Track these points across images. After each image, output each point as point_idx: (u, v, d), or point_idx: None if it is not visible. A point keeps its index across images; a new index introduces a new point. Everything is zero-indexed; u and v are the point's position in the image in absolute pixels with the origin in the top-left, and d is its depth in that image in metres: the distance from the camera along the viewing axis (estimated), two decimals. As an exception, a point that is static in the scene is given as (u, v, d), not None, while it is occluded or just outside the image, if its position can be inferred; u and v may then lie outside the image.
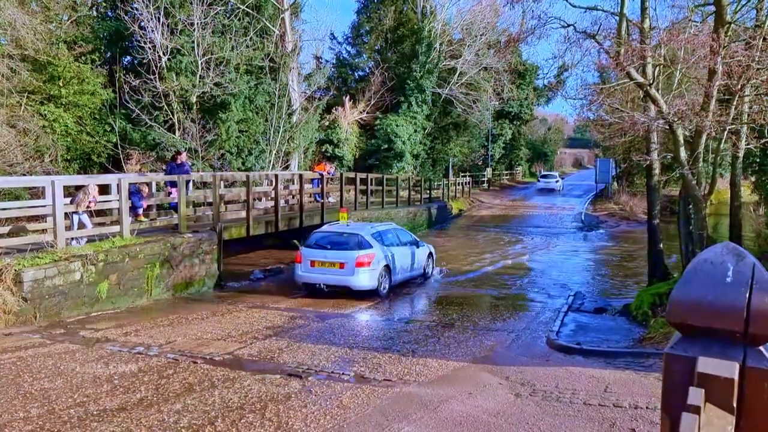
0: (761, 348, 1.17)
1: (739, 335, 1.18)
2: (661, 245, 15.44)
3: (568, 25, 13.57)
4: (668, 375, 1.29)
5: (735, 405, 1.15)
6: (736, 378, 1.14)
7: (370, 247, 13.66)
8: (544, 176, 52.50)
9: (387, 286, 13.91)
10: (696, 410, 1.13)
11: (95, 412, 6.34)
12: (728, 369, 1.15)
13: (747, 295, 1.18)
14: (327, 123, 33.23)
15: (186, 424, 6.05)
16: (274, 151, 24.54)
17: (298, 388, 7.29)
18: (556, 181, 50.35)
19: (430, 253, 16.66)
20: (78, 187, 12.73)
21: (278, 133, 24.57)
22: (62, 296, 10.59)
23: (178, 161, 15.52)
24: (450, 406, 6.71)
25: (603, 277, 18.57)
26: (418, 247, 15.89)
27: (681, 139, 12.05)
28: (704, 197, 12.37)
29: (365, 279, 13.25)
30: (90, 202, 12.17)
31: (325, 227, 15.34)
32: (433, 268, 16.78)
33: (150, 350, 8.78)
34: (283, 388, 7.25)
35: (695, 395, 1.16)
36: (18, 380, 7.23)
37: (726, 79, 10.89)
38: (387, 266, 13.86)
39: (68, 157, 18.91)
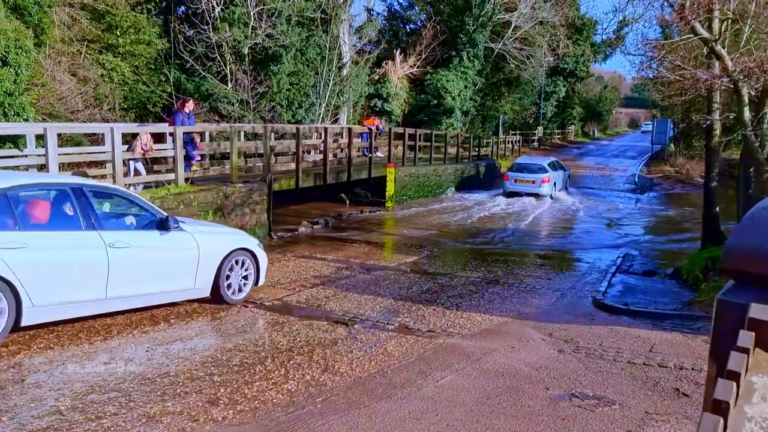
0: (816, 295, 1.18)
1: (795, 282, 1.19)
2: (717, 209, 14.95)
3: (632, -23, 12.98)
4: (718, 321, 1.30)
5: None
6: (789, 324, 1.15)
7: (547, 171, 24.73)
8: (646, 124, 75.38)
9: (554, 193, 24.98)
10: (745, 351, 1.15)
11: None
12: (781, 314, 1.16)
13: (805, 242, 1.18)
14: (377, 77, 32.92)
15: (238, 362, 6.35)
16: (323, 105, 24.59)
17: (344, 334, 7.52)
18: (651, 128, 75.69)
19: (569, 175, 28.76)
20: (134, 136, 13.13)
21: (328, 86, 24.56)
22: (121, 239, 11.05)
23: (186, 110, 13.78)
24: (492, 358, 6.82)
25: (654, 240, 18.18)
26: (564, 171, 27.69)
27: (746, 98, 11.53)
28: (766, 160, 11.91)
29: (546, 189, 24.30)
30: (145, 150, 12.52)
31: (519, 159, 28.13)
32: (568, 184, 28.48)
33: (203, 293, 9.14)
34: (329, 334, 7.49)
35: (745, 338, 1.18)
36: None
37: (800, 36, 10.29)
38: (554, 183, 25.01)
39: (125, 106, 19.40)
